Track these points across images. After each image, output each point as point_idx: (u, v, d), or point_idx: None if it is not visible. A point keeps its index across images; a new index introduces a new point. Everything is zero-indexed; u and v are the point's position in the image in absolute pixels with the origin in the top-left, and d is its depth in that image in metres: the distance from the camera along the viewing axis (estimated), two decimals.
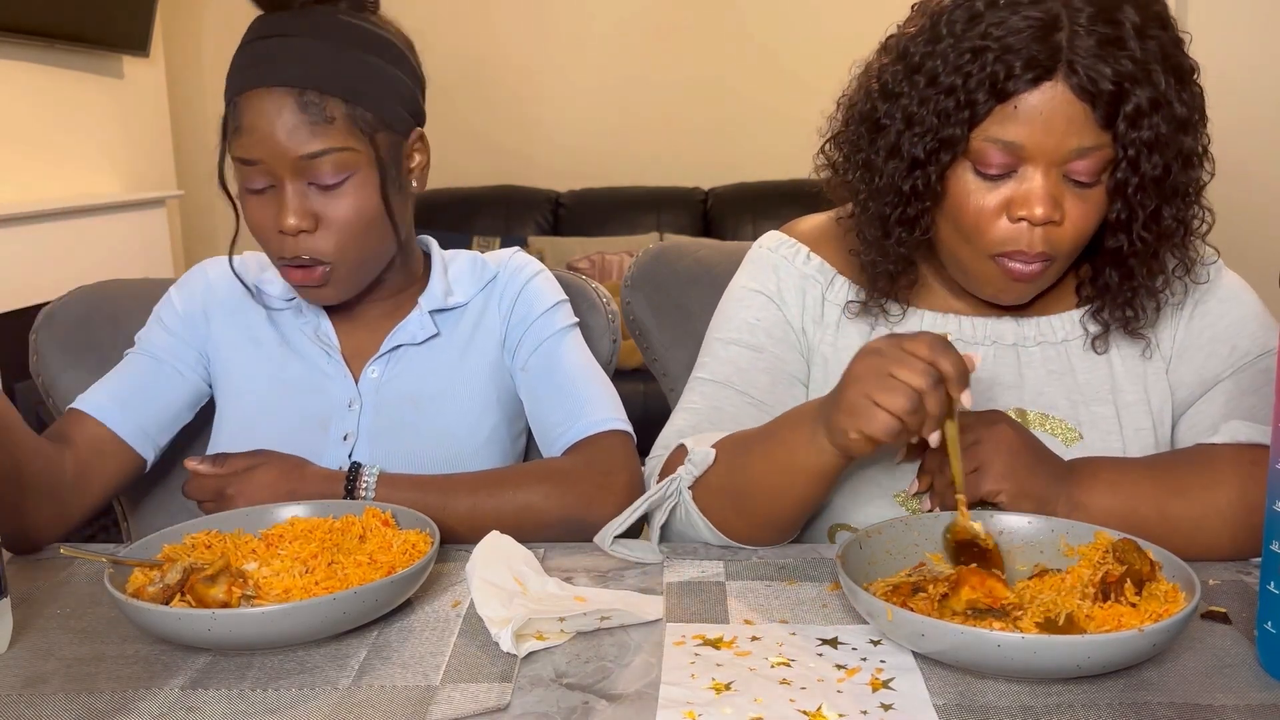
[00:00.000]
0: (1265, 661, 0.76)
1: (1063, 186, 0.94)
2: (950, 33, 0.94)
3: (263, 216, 1.06)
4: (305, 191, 1.04)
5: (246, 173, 1.05)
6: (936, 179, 0.97)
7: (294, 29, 1.04)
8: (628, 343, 1.38)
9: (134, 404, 1.14)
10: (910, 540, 0.90)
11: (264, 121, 1.02)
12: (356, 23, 1.07)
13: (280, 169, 1.03)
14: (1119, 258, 1.00)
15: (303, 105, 1.02)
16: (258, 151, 1.03)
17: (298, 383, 1.16)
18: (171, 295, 1.22)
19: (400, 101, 1.09)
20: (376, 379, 1.16)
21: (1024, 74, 0.90)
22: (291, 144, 1.02)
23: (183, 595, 0.83)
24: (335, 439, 1.14)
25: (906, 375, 0.83)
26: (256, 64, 1.03)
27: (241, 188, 1.07)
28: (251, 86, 1.03)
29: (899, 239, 1.01)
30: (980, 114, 0.93)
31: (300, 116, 1.02)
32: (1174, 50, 0.93)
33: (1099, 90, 0.90)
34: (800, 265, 1.12)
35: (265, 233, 1.07)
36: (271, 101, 1.02)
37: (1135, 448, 1.04)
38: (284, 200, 1.04)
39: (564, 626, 0.82)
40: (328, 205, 1.05)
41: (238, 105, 1.04)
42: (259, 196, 1.06)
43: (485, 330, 1.19)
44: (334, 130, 1.03)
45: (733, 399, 1.08)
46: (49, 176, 3.24)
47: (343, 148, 1.04)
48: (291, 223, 1.04)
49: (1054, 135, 0.92)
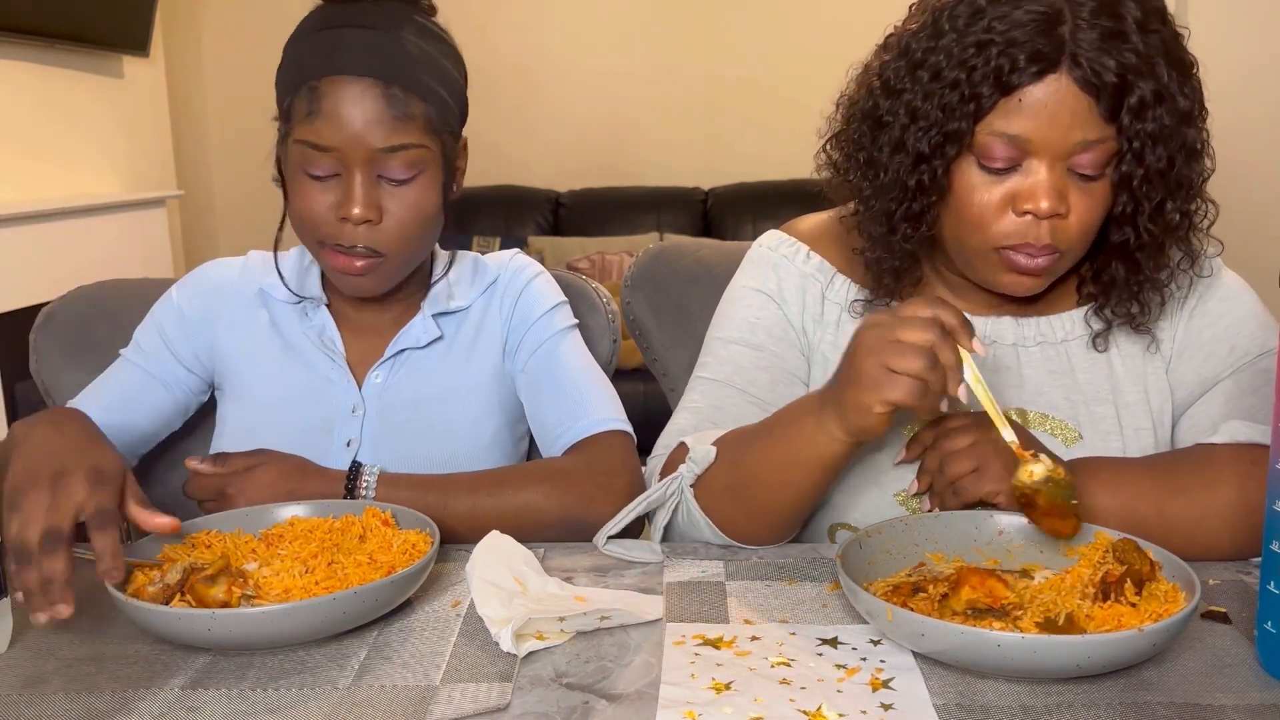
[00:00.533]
0: (1265, 661, 0.76)
1: (1067, 180, 0.95)
2: (953, 28, 0.94)
3: (321, 202, 1.04)
4: (375, 183, 1.04)
5: (313, 157, 1.03)
6: (942, 173, 0.97)
7: (370, 21, 1.04)
8: (628, 343, 1.38)
9: (118, 419, 1.13)
10: (910, 540, 0.90)
11: (346, 109, 1.01)
12: (426, 23, 1.08)
13: (354, 158, 1.02)
14: (1125, 251, 1.00)
15: (388, 99, 1.02)
16: (335, 139, 1.02)
17: (301, 388, 1.15)
18: (173, 295, 1.21)
19: (460, 105, 1.11)
20: (380, 384, 1.15)
21: (1028, 67, 0.91)
22: (373, 135, 1.02)
23: (183, 595, 0.83)
24: (339, 445, 1.14)
25: (914, 335, 0.83)
26: (337, 50, 1.02)
27: (297, 170, 1.05)
28: (335, 72, 1.02)
29: (904, 235, 1.01)
30: (985, 107, 0.93)
31: (385, 109, 1.02)
32: (1174, 44, 0.94)
33: (1103, 83, 0.91)
34: (800, 264, 1.13)
35: (319, 217, 1.05)
36: (357, 90, 1.01)
37: (1135, 448, 1.04)
38: (352, 189, 1.03)
39: (564, 626, 0.82)
40: (394, 200, 1.05)
41: (317, 89, 1.02)
42: (320, 183, 1.04)
43: (487, 333, 1.19)
44: (413, 127, 1.03)
45: (734, 398, 1.08)
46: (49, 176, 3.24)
47: (419, 145, 1.04)
48: (358, 212, 1.03)
49: (1059, 128, 0.92)
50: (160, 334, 1.19)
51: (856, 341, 0.87)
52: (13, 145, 3.06)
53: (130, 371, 1.17)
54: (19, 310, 2.82)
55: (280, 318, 1.18)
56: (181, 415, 1.20)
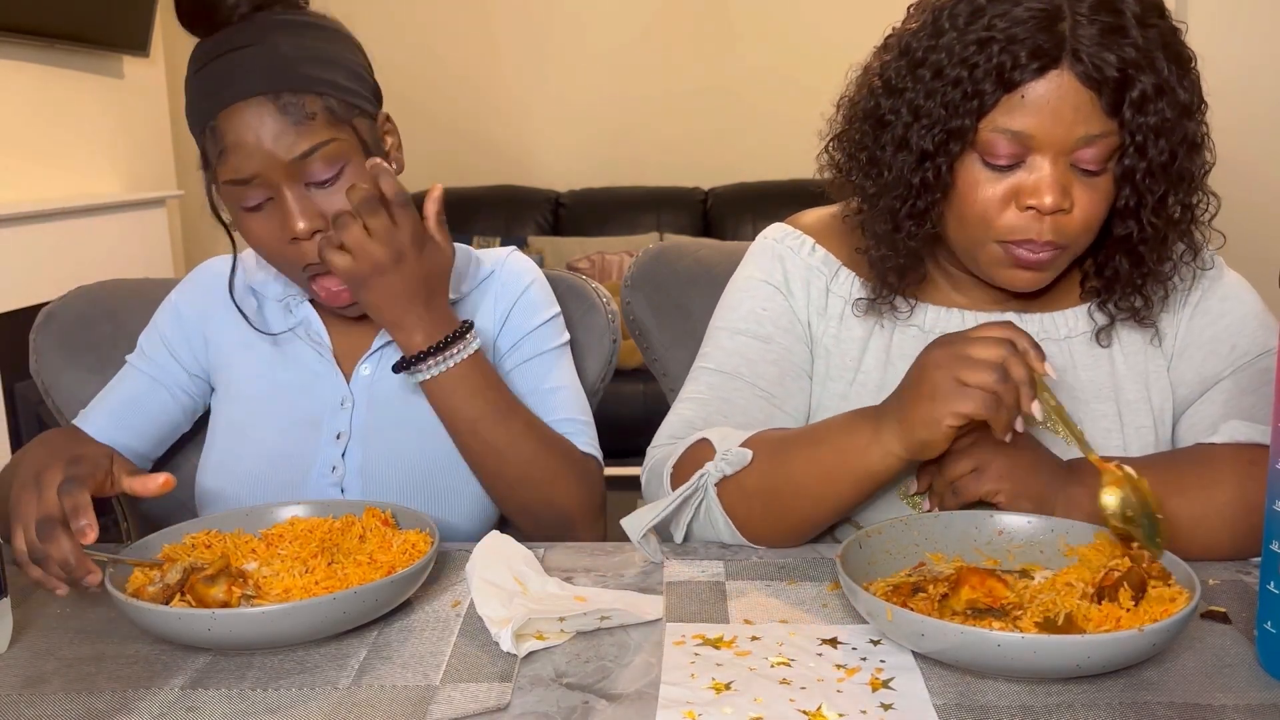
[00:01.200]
0: (1265, 661, 0.76)
1: (1070, 175, 0.95)
2: (953, 26, 0.95)
3: (268, 232, 1.04)
4: (305, 194, 1.03)
5: (241, 193, 1.03)
6: (946, 170, 0.97)
7: (242, 41, 1.02)
8: (628, 343, 1.38)
9: (132, 427, 1.14)
10: (910, 540, 0.90)
11: (249, 135, 1.00)
12: (298, 19, 1.06)
13: (275, 178, 1.01)
14: (1128, 245, 1.00)
15: (282, 109, 1.00)
16: (250, 167, 1.01)
17: (289, 383, 1.16)
18: (173, 297, 1.22)
19: (362, 85, 1.08)
20: (369, 376, 1.15)
21: (1030, 63, 0.91)
22: (281, 149, 1.00)
23: (183, 595, 0.83)
24: (328, 438, 1.14)
25: (985, 351, 0.85)
26: (220, 83, 1.01)
27: (238, 211, 1.05)
28: (226, 105, 1.00)
29: (909, 233, 1.01)
30: (988, 104, 0.94)
31: (283, 120, 1.00)
32: (1173, 38, 0.94)
33: (1104, 77, 0.91)
34: (806, 256, 1.13)
35: (277, 248, 1.05)
36: (251, 113, 1.00)
37: (1136, 446, 1.05)
38: (287, 208, 1.02)
39: (564, 626, 0.82)
40: (330, 202, 1.03)
41: (216, 128, 1.01)
42: (258, 214, 1.04)
43: (478, 328, 1.18)
44: (317, 126, 1.02)
45: (741, 390, 1.07)
46: (49, 176, 3.24)
47: (329, 139, 1.02)
48: (302, 226, 1.02)
49: (1062, 124, 0.93)
50: (161, 338, 1.20)
51: (925, 357, 0.88)
52: (12, 145, 3.06)
53: (135, 379, 1.18)
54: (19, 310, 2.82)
55: (269, 313, 1.19)
56: (189, 418, 1.21)
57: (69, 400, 1.28)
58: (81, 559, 0.82)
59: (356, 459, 1.13)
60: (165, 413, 1.18)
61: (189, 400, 1.19)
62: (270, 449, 1.14)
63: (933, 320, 1.08)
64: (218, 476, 1.15)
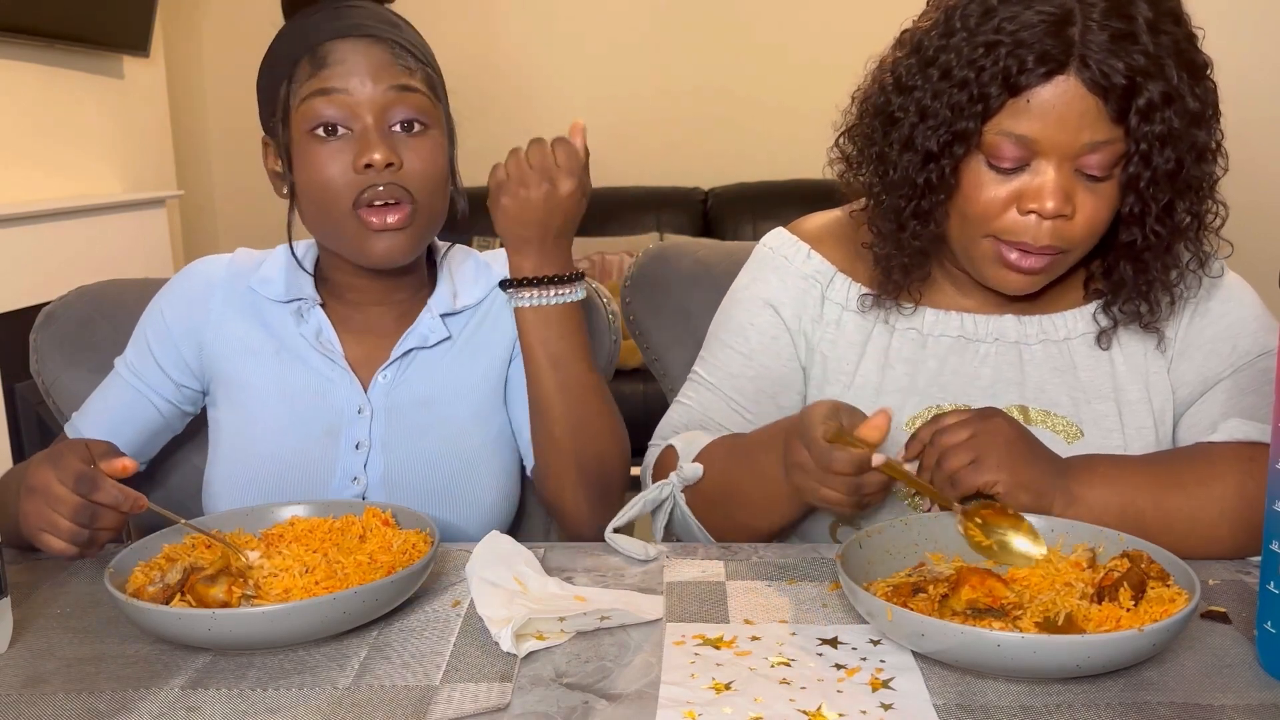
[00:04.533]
0: (1265, 661, 0.76)
1: (1074, 180, 0.95)
2: (964, 26, 0.95)
3: (335, 160, 1.04)
4: (389, 133, 1.05)
5: (322, 110, 1.03)
6: (950, 172, 0.97)
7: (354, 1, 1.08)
8: (628, 343, 1.38)
9: (122, 435, 1.13)
10: (910, 540, 0.90)
11: (358, 56, 1.03)
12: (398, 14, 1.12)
13: (364, 103, 1.03)
14: (1133, 252, 1.00)
15: (392, 51, 1.05)
16: (346, 81, 1.03)
17: (300, 391, 1.13)
18: (158, 302, 1.18)
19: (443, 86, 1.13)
20: (388, 384, 1.13)
21: (1036, 68, 0.91)
22: (382, 76, 1.04)
23: (183, 595, 0.83)
24: (347, 448, 1.12)
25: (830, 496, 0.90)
26: (336, 18, 1.05)
27: (305, 138, 1.04)
28: (341, 35, 1.04)
29: (913, 232, 1.01)
30: (993, 107, 0.94)
31: (390, 57, 1.04)
32: (1187, 45, 0.93)
33: (1111, 84, 0.91)
34: (800, 264, 1.13)
35: (339, 176, 1.04)
36: (363, 43, 1.04)
37: (1137, 446, 1.05)
38: (368, 138, 1.03)
39: (564, 626, 0.82)
40: (408, 148, 1.05)
41: (320, 50, 1.04)
42: (330, 142, 1.04)
43: (493, 331, 1.17)
44: (416, 79, 1.06)
45: (719, 406, 1.12)
46: (49, 176, 3.24)
47: (426, 93, 1.07)
48: (378, 157, 1.02)
49: (1067, 130, 0.92)
50: (147, 345, 1.16)
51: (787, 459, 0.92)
52: (13, 145, 3.06)
53: (122, 390, 1.16)
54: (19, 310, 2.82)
55: (273, 318, 1.15)
56: (181, 421, 1.19)
57: (69, 400, 1.28)
58: (126, 490, 0.88)
59: (378, 469, 1.11)
60: (153, 422, 1.16)
61: (176, 409, 1.17)
62: (285, 458, 1.11)
63: (931, 323, 1.09)
64: (228, 485, 1.12)
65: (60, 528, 0.89)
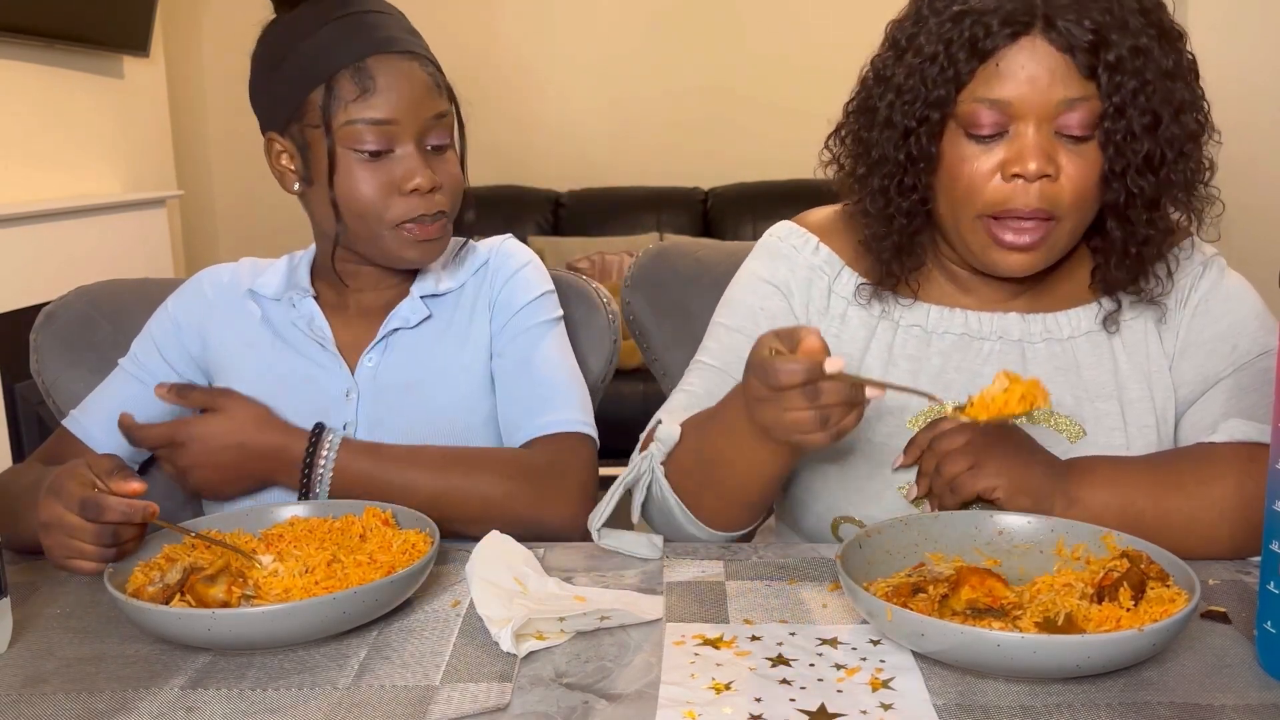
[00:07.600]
0: (1265, 661, 0.76)
1: (1055, 143, 0.96)
2: (932, 10, 0.98)
3: (379, 180, 1.08)
4: (426, 152, 1.10)
5: (368, 135, 1.07)
6: (929, 143, 0.98)
7: (378, 6, 1.11)
8: (628, 343, 1.38)
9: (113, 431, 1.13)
10: (910, 540, 0.90)
11: (404, 82, 1.07)
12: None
13: (407, 130, 1.08)
14: (1118, 210, 1.00)
15: (427, 71, 1.10)
16: (395, 111, 1.07)
17: (293, 377, 1.16)
18: (168, 304, 1.23)
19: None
20: (373, 366, 1.17)
21: (1001, 29, 0.93)
22: (425, 106, 1.08)
23: (183, 595, 0.83)
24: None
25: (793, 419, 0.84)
26: (376, 30, 1.08)
27: (348, 158, 1.07)
28: (384, 50, 1.07)
29: (899, 208, 1.02)
30: (964, 74, 0.95)
31: (428, 81, 1.10)
32: (1153, 6, 0.96)
33: (1077, 41, 0.93)
34: (809, 255, 1.13)
35: (382, 197, 1.08)
36: (406, 65, 1.08)
37: (1139, 445, 1.04)
38: (412, 161, 1.08)
39: (564, 626, 0.82)
40: (439, 167, 1.11)
41: (366, 69, 1.06)
42: (374, 163, 1.08)
43: (478, 315, 1.20)
44: (444, 98, 1.12)
45: (728, 386, 1.08)
46: (49, 176, 3.24)
47: (449, 112, 1.12)
48: (422, 182, 1.08)
49: (1038, 89, 0.94)
50: (154, 342, 1.20)
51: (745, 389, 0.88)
52: (13, 145, 3.06)
53: (126, 383, 1.18)
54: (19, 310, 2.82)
55: (270, 313, 1.20)
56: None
57: (69, 400, 1.28)
58: (134, 503, 0.88)
59: None
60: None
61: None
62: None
63: (935, 320, 1.09)
64: None
65: (87, 553, 0.89)
